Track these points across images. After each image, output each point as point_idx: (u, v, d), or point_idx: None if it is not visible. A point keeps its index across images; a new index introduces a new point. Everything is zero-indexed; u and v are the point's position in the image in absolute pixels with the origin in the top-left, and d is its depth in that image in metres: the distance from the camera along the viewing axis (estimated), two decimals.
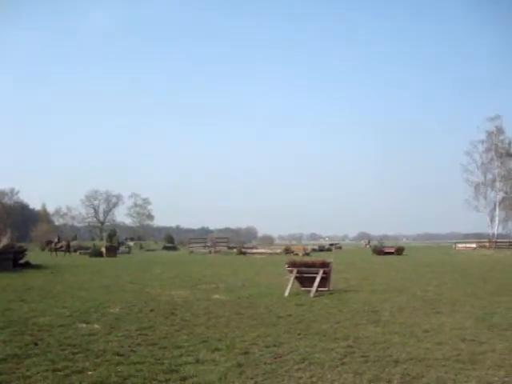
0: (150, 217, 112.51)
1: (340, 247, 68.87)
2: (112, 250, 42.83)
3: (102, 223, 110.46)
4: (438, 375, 5.61)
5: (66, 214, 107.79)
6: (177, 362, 6.07)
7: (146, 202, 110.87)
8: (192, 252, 49.15)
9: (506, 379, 5.50)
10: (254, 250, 46.97)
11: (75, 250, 47.56)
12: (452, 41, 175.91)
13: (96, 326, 8.43)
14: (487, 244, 61.33)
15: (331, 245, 68.03)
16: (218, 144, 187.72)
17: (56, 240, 44.04)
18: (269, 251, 46.03)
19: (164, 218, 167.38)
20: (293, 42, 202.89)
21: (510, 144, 69.73)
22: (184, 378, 5.43)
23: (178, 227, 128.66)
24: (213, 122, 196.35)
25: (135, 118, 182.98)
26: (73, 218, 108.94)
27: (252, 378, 5.48)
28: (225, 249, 49.23)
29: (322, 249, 52.66)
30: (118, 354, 6.42)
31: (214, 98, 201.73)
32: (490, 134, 69.70)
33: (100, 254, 40.46)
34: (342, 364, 6.06)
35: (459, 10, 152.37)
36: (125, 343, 7.11)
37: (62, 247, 42.38)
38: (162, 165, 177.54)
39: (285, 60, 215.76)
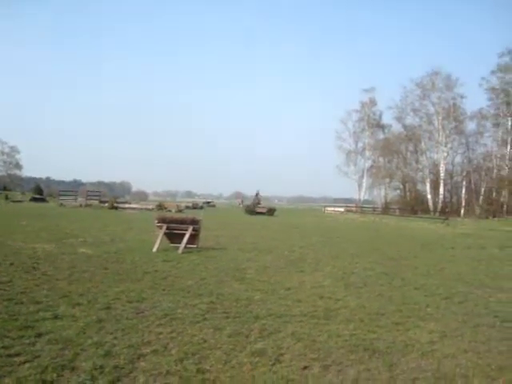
0: (18, 166, 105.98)
1: (214, 205, 69.93)
2: None
3: None
4: (294, 330, 5.90)
5: None
6: (33, 318, 5.81)
7: (14, 150, 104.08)
8: (62, 205, 47.12)
9: (354, 332, 5.97)
10: (127, 205, 46.12)
11: None
12: None
13: None
14: (354, 208, 65.44)
15: (207, 203, 68.88)
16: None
17: None
18: (141, 207, 45.44)
19: (34, 168, 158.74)
20: None
21: (380, 116, 74.47)
22: (39, 335, 5.22)
23: (48, 179, 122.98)
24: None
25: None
26: None
27: (111, 333, 5.40)
28: (96, 203, 47.76)
29: (195, 206, 52.83)
30: None
31: None
32: (363, 104, 74.05)
33: None
34: (204, 320, 6.16)
35: None
36: None
37: None
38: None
39: None
